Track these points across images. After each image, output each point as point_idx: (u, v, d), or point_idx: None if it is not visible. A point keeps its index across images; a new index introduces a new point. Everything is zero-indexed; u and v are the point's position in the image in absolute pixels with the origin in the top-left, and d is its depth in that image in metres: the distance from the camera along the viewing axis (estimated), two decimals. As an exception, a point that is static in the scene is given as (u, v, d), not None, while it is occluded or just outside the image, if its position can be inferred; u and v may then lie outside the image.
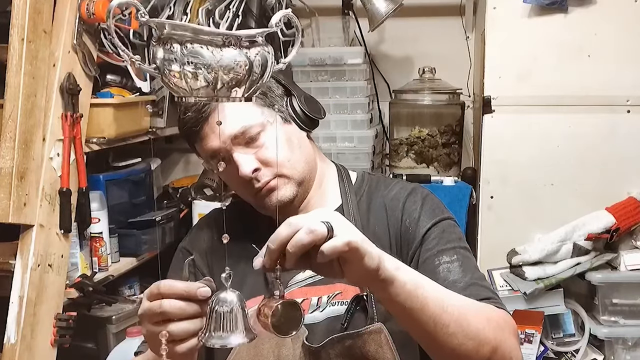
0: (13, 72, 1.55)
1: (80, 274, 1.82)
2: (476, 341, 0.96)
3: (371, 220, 1.21)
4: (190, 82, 0.75)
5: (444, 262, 1.13)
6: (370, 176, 1.31)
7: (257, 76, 0.78)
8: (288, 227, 0.86)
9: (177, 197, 2.35)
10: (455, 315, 0.95)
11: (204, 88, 0.76)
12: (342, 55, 2.30)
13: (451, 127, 2.33)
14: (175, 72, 0.75)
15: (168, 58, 0.75)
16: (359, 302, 1.15)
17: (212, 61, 0.74)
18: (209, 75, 0.75)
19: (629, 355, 1.97)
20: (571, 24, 2.02)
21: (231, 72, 0.75)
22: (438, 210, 1.21)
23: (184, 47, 0.74)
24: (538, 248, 1.97)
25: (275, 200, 1.16)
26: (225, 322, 0.83)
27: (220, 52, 0.75)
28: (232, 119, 1.14)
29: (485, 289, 1.11)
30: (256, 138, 1.16)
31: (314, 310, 1.16)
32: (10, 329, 1.57)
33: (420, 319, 0.94)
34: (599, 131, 2.05)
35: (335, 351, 1.11)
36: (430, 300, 0.93)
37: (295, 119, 1.21)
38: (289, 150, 1.19)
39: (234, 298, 0.84)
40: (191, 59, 0.74)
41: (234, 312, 0.83)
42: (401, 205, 1.21)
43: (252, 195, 1.19)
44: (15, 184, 1.54)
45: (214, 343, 0.84)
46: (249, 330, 0.85)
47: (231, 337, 0.83)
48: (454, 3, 2.47)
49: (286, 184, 1.18)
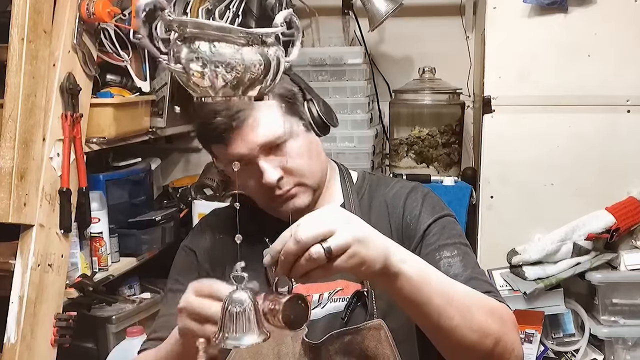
0: (13, 72, 1.55)
1: (80, 274, 1.82)
2: (480, 333, 0.98)
3: (372, 219, 1.22)
4: (213, 81, 0.75)
5: (445, 257, 1.14)
6: (370, 175, 1.33)
7: (272, 75, 0.78)
8: (291, 238, 0.87)
9: (177, 197, 2.35)
10: (460, 307, 0.96)
11: (223, 87, 0.76)
12: (342, 55, 2.30)
13: (451, 127, 2.33)
14: (197, 71, 0.75)
15: (190, 57, 0.75)
16: (359, 298, 1.16)
17: (232, 60, 0.74)
18: (227, 75, 0.75)
19: (629, 355, 1.96)
20: (571, 24, 2.02)
21: (248, 71, 0.76)
22: (438, 207, 1.23)
23: (211, 46, 0.74)
24: (538, 248, 1.97)
25: (292, 207, 1.17)
26: (239, 322, 0.83)
27: (243, 51, 0.75)
28: (264, 127, 1.13)
29: (485, 283, 1.12)
30: (282, 146, 1.15)
31: (315, 307, 1.18)
32: (10, 329, 1.57)
33: (425, 312, 0.95)
34: (599, 131, 2.04)
35: (335, 347, 1.12)
36: (435, 293, 0.94)
37: (314, 126, 1.22)
38: (309, 159, 1.19)
39: (246, 298, 0.84)
40: (215, 57, 0.74)
41: (246, 312, 0.83)
42: (402, 203, 1.22)
43: (270, 201, 1.20)
44: (15, 184, 1.54)
45: (228, 344, 0.83)
46: (262, 329, 0.85)
47: (245, 337, 0.83)
48: (454, 3, 2.47)
49: (305, 192, 1.19)
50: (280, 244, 0.88)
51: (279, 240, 0.89)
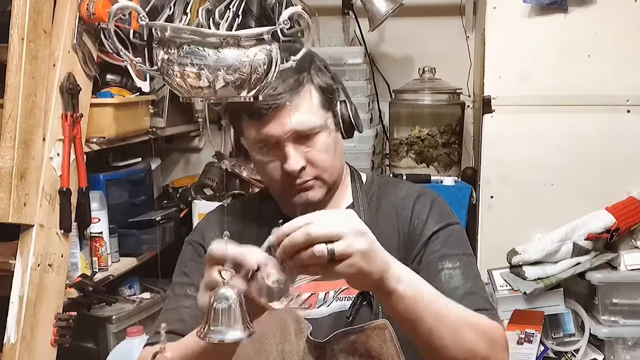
0: (13, 72, 1.55)
1: (80, 274, 1.82)
2: (469, 353, 1.01)
3: (380, 220, 1.23)
4: (190, 81, 0.76)
5: (447, 268, 1.15)
6: (379, 178, 1.34)
7: (261, 75, 0.78)
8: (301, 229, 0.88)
9: (177, 197, 2.35)
10: (451, 327, 0.99)
11: (206, 88, 0.76)
12: (342, 55, 2.30)
13: (451, 127, 2.33)
14: (177, 72, 0.76)
15: (169, 59, 0.75)
16: (364, 297, 1.16)
17: (211, 62, 0.75)
18: (210, 76, 0.75)
19: (629, 355, 1.96)
20: (571, 24, 2.02)
21: (236, 72, 0.76)
22: (446, 214, 1.24)
23: (183, 49, 0.75)
24: (538, 248, 1.97)
25: (304, 199, 1.18)
26: (224, 318, 0.84)
27: (219, 53, 0.75)
28: (303, 114, 1.14)
29: (483, 300, 1.13)
30: (312, 137, 1.16)
31: (320, 305, 1.18)
32: (10, 329, 1.57)
33: (415, 329, 0.98)
34: (599, 131, 2.05)
35: (340, 346, 1.13)
36: (427, 312, 0.96)
37: (342, 127, 1.23)
38: (333, 156, 1.20)
39: (232, 294, 0.85)
40: (191, 60, 0.75)
41: (232, 308, 0.84)
42: (411, 206, 1.23)
43: (285, 188, 1.20)
44: (15, 184, 1.54)
45: (211, 338, 0.84)
46: (248, 326, 0.85)
47: (229, 332, 0.84)
48: (454, 3, 2.47)
49: (321, 187, 1.20)
50: (289, 230, 0.88)
51: (289, 225, 0.89)
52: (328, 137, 1.18)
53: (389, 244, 1.20)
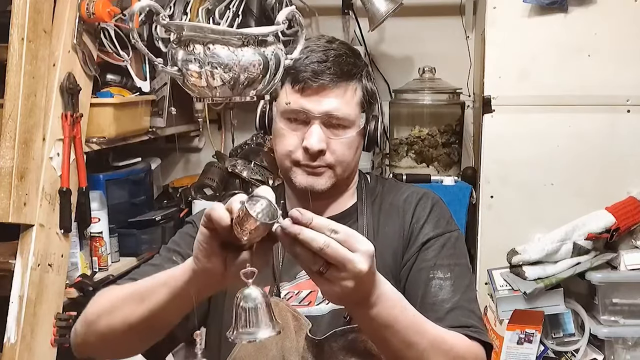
0: (13, 72, 1.55)
1: (80, 274, 1.82)
2: None
3: (382, 220, 1.24)
4: (210, 81, 0.76)
5: (437, 278, 1.16)
6: (383, 180, 1.35)
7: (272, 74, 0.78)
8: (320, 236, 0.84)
9: (177, 196, 2.36)
10: (419, 353, 0.98)
11: (220, 87, 0.77)
12: (342, 55, 2.30)
13: (451, 126, 2.33)
14: (195, 72, 0.76)
15: (187, 59, 0.76)
16: None
17: (229, 61, 0.75)
18: (225, 75, 0.76)
19: (629, 355, 1.96)
20: (571, 24, 2.02)
21: (246, 71, 0.77)
22: (443, 220, 1.24)
23: (206, 48, 0.75)
24: (538, 248, 1.97)
25: (310, 183, 1.18)
26: (252, 317, 0.84)
27: (240, 52, 0.76)
28: (344, 102, 1.17)
29: (469, 314, 1.13)
30: (340, 129, 1.18)
31: (320, 303, 1.18)
32: (10, 329, 1.57)
33: (381, 348, 1.01)
34: (599, 131, 2.05)
35: (338, 344, 1.13)
36: (396, 340, 0.96)
37: (366, 138, 1.24)
38: (352, 155, 1.22)
39: (258, 294, 0.85)
40: (211, 59, 0.75)
41: (259, 307, 0.85)
42: (412, 208, 1.24)
43: (295, 165, 1.20)
44: (15, 184, 1.54)
45: (243, 339, 0.85)
46: (275, 322, 0.86)
47: (259, 331, 0.84)
48: (454, 3, 2.47)
49: (330, 178, 1.20)
50: (317, 225, 0.84)
51: (318, 221, 0.85)
52: (354, 135, 1.20)
53: (390, 245, 1.21)
